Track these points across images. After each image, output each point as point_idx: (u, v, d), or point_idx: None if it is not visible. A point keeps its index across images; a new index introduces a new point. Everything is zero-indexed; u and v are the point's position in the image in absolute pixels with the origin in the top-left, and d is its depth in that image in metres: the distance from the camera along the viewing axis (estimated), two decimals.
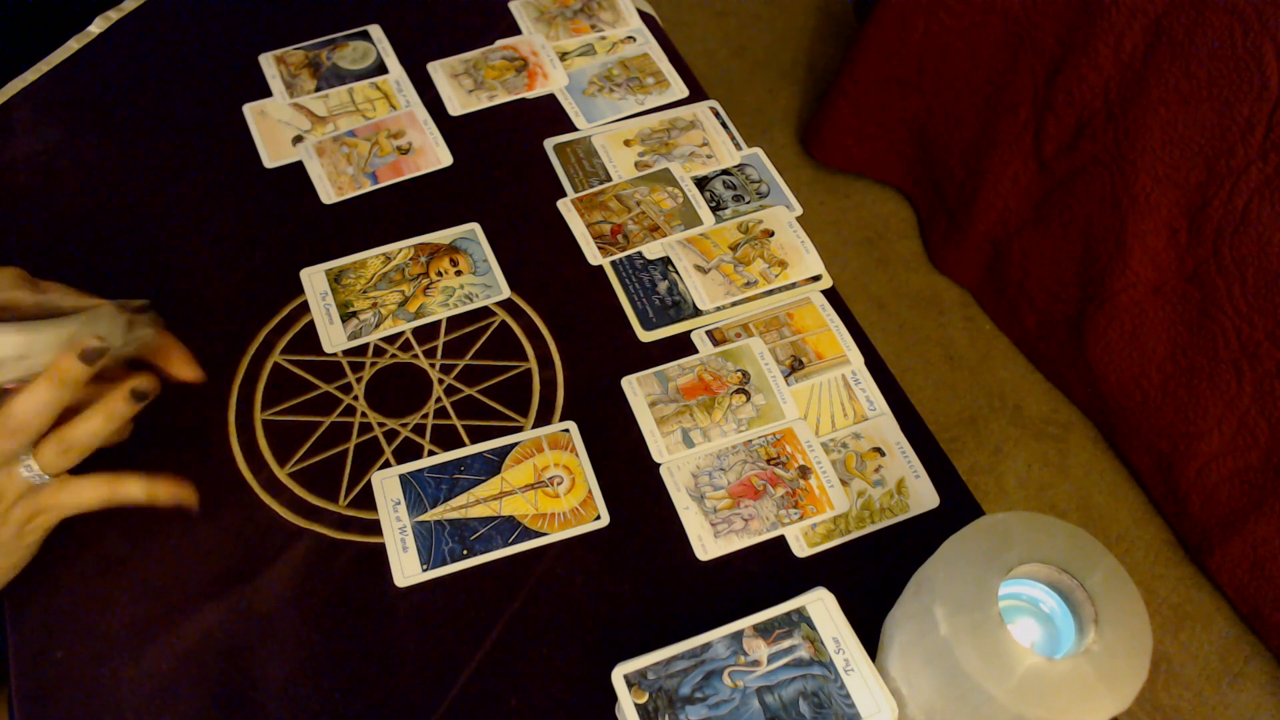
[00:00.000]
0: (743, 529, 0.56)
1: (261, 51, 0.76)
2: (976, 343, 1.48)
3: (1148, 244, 1.18)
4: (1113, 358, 1.27)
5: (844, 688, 0.47)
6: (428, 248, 0.66)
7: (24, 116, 0.72)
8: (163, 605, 0.52)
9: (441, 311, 0.63)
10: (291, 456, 0.57)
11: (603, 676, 0.48)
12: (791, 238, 0.68)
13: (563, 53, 0.78)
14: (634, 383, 0.61)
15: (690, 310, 0.64)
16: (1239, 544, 1.17)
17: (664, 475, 0.58)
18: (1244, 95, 1.03)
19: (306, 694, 0.50)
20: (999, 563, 0.42)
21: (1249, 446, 1.14)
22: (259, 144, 0.71)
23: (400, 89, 0.75)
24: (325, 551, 0.54)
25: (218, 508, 0.55)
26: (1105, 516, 1.33)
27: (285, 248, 0.66)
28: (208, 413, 0.58)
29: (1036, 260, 1.35)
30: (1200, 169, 1.10)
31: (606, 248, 0.67)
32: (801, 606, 0.50)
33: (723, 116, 0.75)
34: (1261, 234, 1.05)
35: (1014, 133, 1.30)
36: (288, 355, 0.61)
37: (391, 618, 0.52)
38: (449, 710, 0.50)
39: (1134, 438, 1.29)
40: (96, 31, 0.77)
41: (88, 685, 0.49)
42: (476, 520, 0.55)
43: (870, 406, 0.61)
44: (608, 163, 0.72)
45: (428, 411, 0.59)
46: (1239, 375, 1.12)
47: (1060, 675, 0.40)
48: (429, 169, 0.71)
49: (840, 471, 0.58)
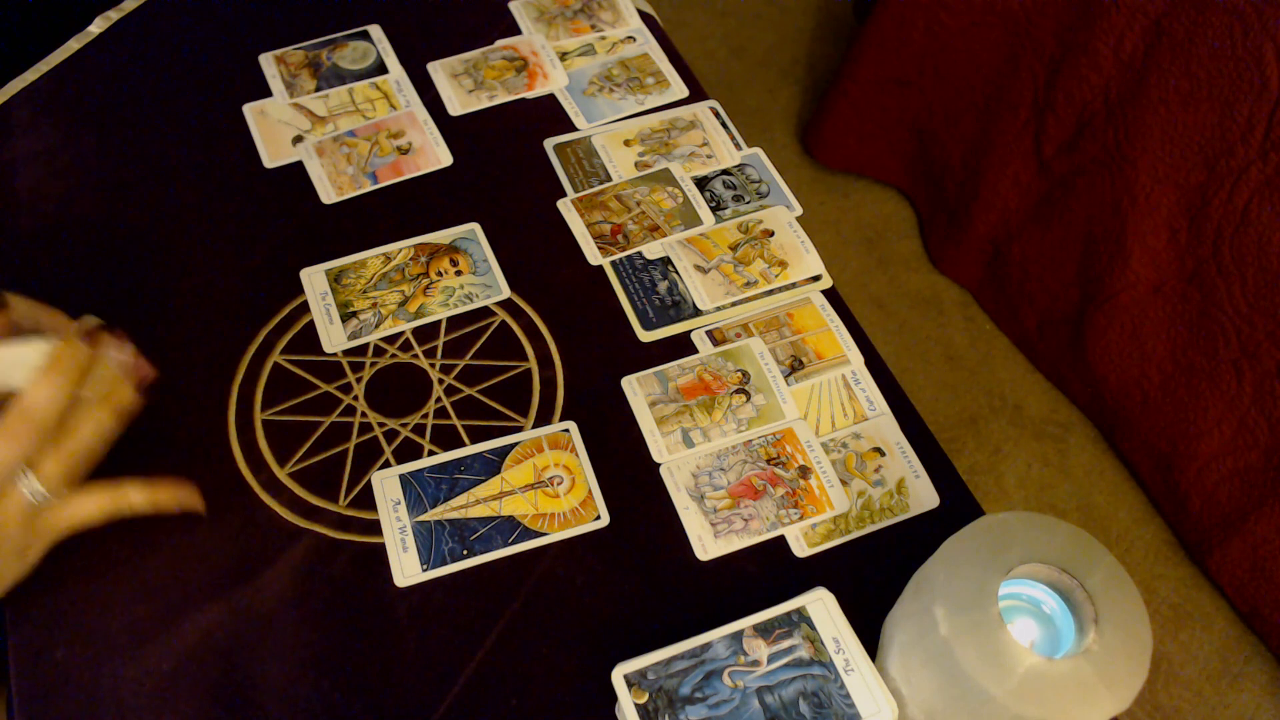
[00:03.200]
0: (743, 529, 0.56)
1: (261, 51, 0.76)
2: (976, 343, 1.48)
3: (1148, 244, 1.18)
4: (1113, 358, 1.27)
5: (844, 688, 0.47)
6: (428, 248, 0.66)
7: (24, 116, 0.72)
8: (163, 605, 0.52)
9: (441, 311, 0.63)
10: (291, 456, 0.57)
11: (603, 676, 0.48)
12: (791, 238, 0.68)
13: (563, 53, 0.78)
14: (634, 383, 0.61)
15: (690, 310, 0.64)
16: (1239, 544, 1.17)
17: (664, 475, 0.58)
18: (1244, 95, 1.03)
19: (306, 694, 0.50)
20: (999, 563, 0.42)
21: (1249, 446, 1.14)
22: (259, 144, 0.71)
23: (400, 89, 0.75)
24: (325, 551, 0.54)
25: (218, 508, 0.55)
26: (1105, 516, 1.33)
27: (285, 248, 0.66)
28: (208, 413, 0.58)
29: (1036, 260, 1.35)
30: (1200, 169, 1.10)
31: (606, 248, 0.67)
32: (801, 606, 0.50)
33: (723, 116, 0.75)
34: (1261, 234, 1.05)
35: (1014, 133, 1.30)
36: (288, 355, 0.61)
37: (391, 618, 0.52)
38: (449, 710, 0.50)
39: (1134, 438, 1.29)
40: (96, 31, 0.77)
41: (88, 685, 0.49)
42: (476, 520, 0.55)
43: (870, 406, 0.61)
44: (608, 163, 0.72)
45: (428, 411, 0.59)
46: (1239, 375, 1.12)
47: (1060, 675, 0.40)
48: (429, 169, 0.71)
49: (840, 471, 0.58)
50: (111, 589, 0.52)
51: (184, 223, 0.67)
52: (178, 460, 0.56)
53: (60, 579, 0.52)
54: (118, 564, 0.53)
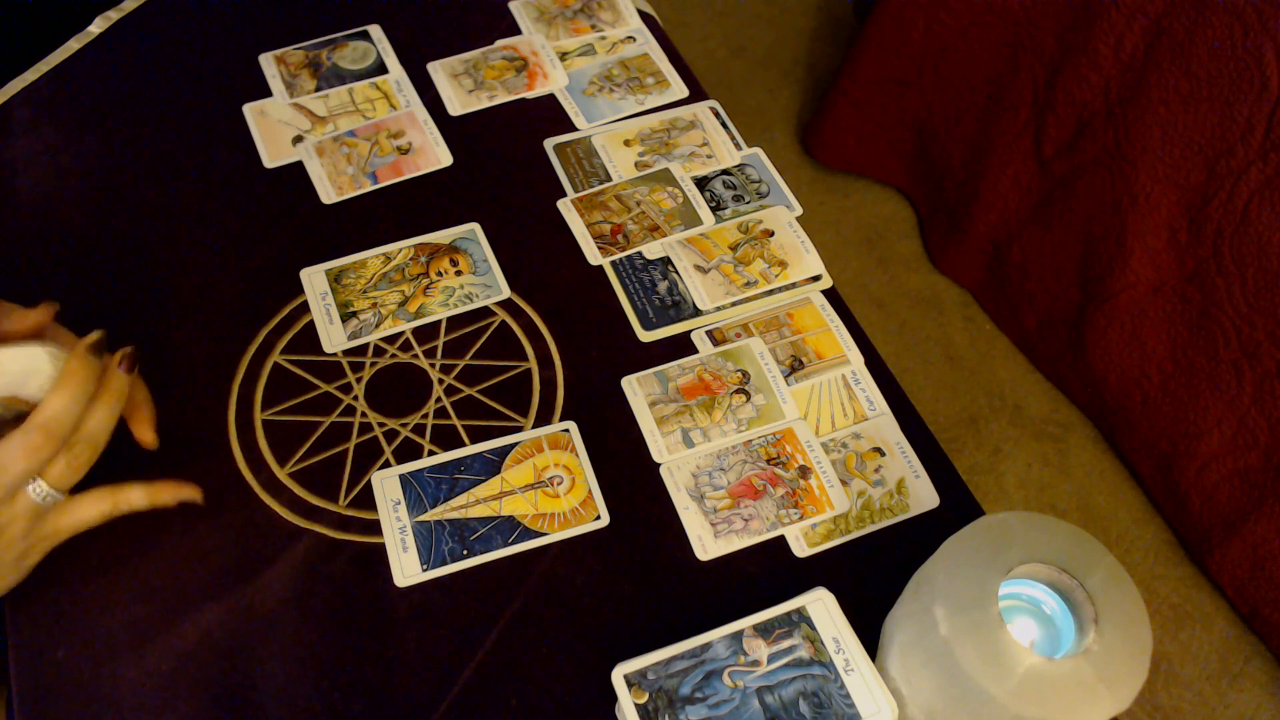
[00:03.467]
0: (743, 529, 0.56)
1: (261, 51, 0.76)
2: (976, 343, 1.48)
3: (1148, 244, 1.18)
4: (1113, 358, 1.27)
5: (844, 688, 0.47)
6: (428, 248, 0.66)
7: (24, 116, 0.72)
8: (163, 605, 0.52)
9: (441, 311, 0.63)
10: (291, 456, 0.57)
11: (603, 676, 0.48)
12: (791, 238, 0.68)
13: (563, 53, 0.78)
14: (634, 383, 0.61)
15: (690, 310, 0.64)
16: (1239, 544, 1.17)
17: (664, 475, 0.58)
18: (1244, 95, 1.03)
19: (306, 694, 0.50)
20: (999, 563, 0.42)
21: (1249, 446, 1.14)
22: (259, 144, 0.71)
23: (400, 89, 0.75)
24: (325, 551, 0.54)
25: (218, 508, 0.55)
26: (1105, 516, 1.33)
27: (285, 248, 0.66)
28: (208, 413, 0.58)
29: (1036, 260, 1.35)
30: (1200, 169, 1.10)
31: (606, 248, 0.67)
32: (801, 606, 0.50)
33: (723, 116, 0.75)
34: (1261, 234, 1.05)
35: (1014, 133, 1.30)
36: (288, 355, 0.61)
37: (391, 618, 0.52)
38: (449, 710, 0.50)
39: (1134, 438, 1.29)
40: (96, 31, 0.77)
41: (88, 685, 0.49)
42: (476, 520, 0.55)
43: (870, 406, 0.61)
44: (608, 163, 0.72)
45: (428, 411, 0.59)
46: (1239, 375, 1.12)
47: (1060, 675, 0.40)
48: (429, 169, 0.71)
49: (840, 471, 0.58)
50: (111, 589, 0.52)
51: (184, 223, 0.67)
52: (178, 460, 0.56)
53: (60, 579, 0.52)
54: (118, 564, 0.53)
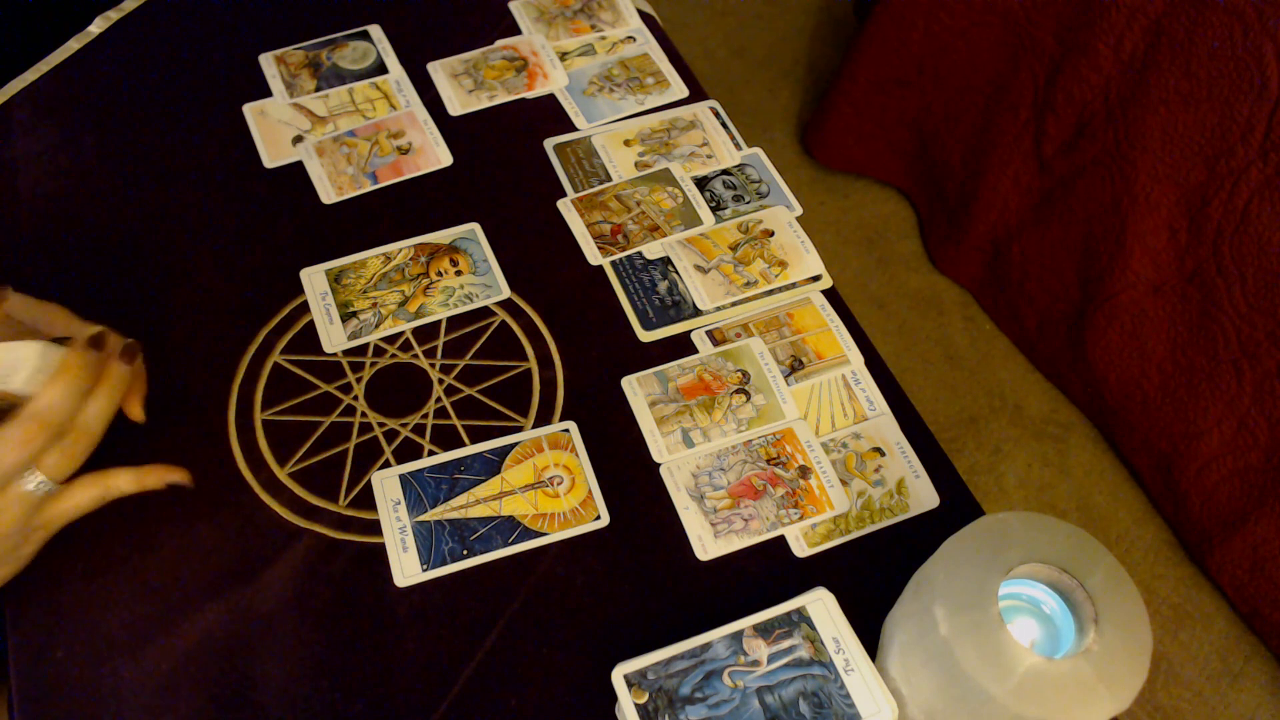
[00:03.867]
0: (743, 529, 0.56)
1: (261, 51, 0.76)
2: (976, 343, 1.48)
3: (1148, 244, 1.18)
4: (1113, 358, 1.27)
5: (844, 688, 0.47)
6: (428, 248, 0.66)
7: (24, 116, 0.72)
8: (163, 605, 0.52)
9: (441, 311, 0.63)
10: (291, 456, 0.57)
11: (603, 676, 0.48)
12: (791, 238, 0.68)
13: (563, 53, 0.78)
14: (634, 383, 0.61)
15: (690, 310, 0.64)
16: (1239, 544, 1.17)
17: (664, 475, 0.58)
18: (1244, 95, 1.03)
19: (306, 694, 0.50)
20: (999, 563, 0.42)
21: (1249, 446, 1.14)
22: (259, 144, 0.71)
23: (400, 89, 0.75)
24: (325, 551, 0.54)
25: (218, 508, 0.55)
26: (1105, 516, 1.33)
27: (285, 248, 0.66)
28: (208, 413, 0.58)
29: (1036, 260, 1.35)
30: (1200, 169, 1.10)
31: (606, 248, 0.67)
32: (801, 606, 0.50)
33: (723, 116, 0.75)
34: (1261, 234, 1.05)
35: (1014, 133, 1.30)
36: (288, 355, 0.61)
37: (391, 618, 0.52)
38: (449, 710, 0.50)
39: (1134, 438, 1.29)
40: (96, 31, 0.77)
41: (88, 685, 0.49)
42: (476, 520, 0.55)
43: (870, 406, 0.61)
44: (608, 163, 0.72)
45: (428, 411, 0.59)
46: (1239, 375, 1.12)
47: (1060, 675, 0.40)
48: (429, 169, 0.71)
49: (840, 471, 0.58)
50: (111, 589, 0.52)
51: (184, 223, 0.67)
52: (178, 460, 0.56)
53: (60, 579, 0.52)
54: (118, 564, 0.53)
